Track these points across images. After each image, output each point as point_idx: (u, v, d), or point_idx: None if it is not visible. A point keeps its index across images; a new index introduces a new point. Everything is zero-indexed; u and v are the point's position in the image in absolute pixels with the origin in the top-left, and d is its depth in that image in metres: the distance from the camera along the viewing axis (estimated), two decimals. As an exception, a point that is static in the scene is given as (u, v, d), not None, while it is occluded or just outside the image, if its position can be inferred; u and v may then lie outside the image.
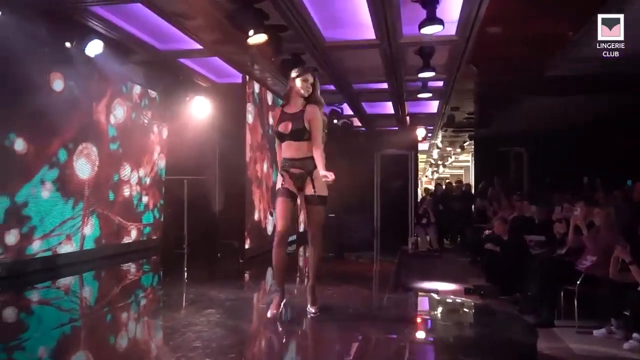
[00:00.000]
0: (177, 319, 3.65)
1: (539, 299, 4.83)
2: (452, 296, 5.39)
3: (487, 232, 8.06)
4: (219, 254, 6.94)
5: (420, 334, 3.60)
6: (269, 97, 7.93)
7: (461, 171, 24.31)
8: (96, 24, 5.03)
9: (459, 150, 15.83)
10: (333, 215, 11.27)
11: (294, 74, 3.56)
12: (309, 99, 3.53)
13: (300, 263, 7.84)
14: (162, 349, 3.14)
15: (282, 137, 3.54)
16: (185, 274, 6.16)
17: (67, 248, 5.69)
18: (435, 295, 5.20)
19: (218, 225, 7.36)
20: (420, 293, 5.43)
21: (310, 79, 3.54)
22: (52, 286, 5.00)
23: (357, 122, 10.74)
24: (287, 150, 3.54)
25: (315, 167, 3.45)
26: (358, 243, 9.63)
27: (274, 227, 3.83)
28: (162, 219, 7.68)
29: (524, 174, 11.98)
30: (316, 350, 3.29)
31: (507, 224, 6.76)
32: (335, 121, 9.64)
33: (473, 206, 10.71)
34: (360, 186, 10.81)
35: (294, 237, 9.29)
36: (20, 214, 5.05)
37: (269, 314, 3.50)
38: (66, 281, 5.24)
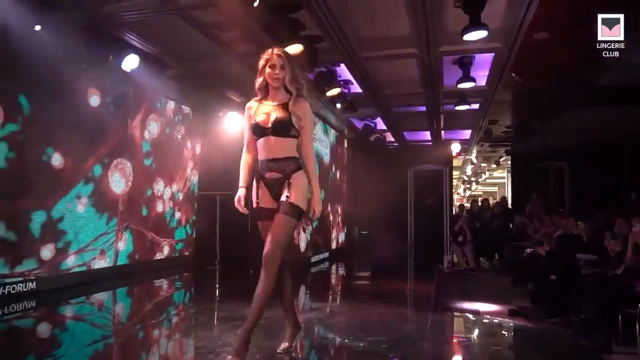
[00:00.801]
0: (211, 337, 3.51)
1: (595, 322, 4.47)
2: (499, 318, 5.06)
3: (528, 250, 7.73)
4: (251, 271, 6.81)
5: None
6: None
7: (495, 188, 23.72)
8: (132, 37, 5.05)
9: (494, 165, 15.40)
10: (366, 232, 11.11)
11: (261, 61, 2.79)
12: (290, 90, 2.78)
13: (333, 281, 7.66)
14: (196, 370, 2.99)
15: (261, 132, 2.78)
16: (218, 290, 6.04)
17: (101, 263, 5.66)
18: (480, 318, 4.90)
19: (250, 242, 7.23)
20: (464, 315, 5.14)
21: (279, 61, 2.73)
22: (86, 302, 4.95)
23: (390, 137, 10.56)
24: (264, 148, 2.80)
25: (295, 169, 2.77)
26: (392, 261, 9.38)
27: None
28: (194, 235, 7.63)
29: (565, 190, 11.49)
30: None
31: (553, 240, 6.43)
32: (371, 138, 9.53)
33: (511, 224, 10.30)
34: (393, 202, 10.58)
35: (326, 255, 9.13)
36: (56, 229, 5.05)
37: (279, 349, 2.98)
38: (100, 297, 5.19)
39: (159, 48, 5.42)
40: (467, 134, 10.44)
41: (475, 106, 7.65)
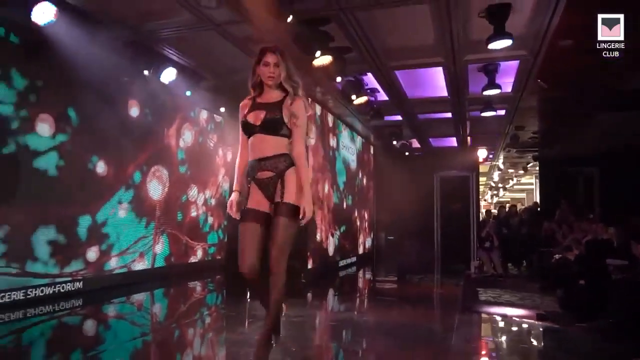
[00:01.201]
0: (246, 333, 3.70)
1: (624, 326, 4.48)
2: (527, 320, 5.10)
3: (556, 256, 7.69)
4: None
5: None
6: (330, 119, 8.05)
7: (523, 194, 23.38)
8: (171, 52, 5.35)
9: (521, 171, 15.25)
10: (392, 237, 11.20)
11: (255, 59, 2.71)
12: (285, 88, 2.68)
13: (360, 284, 7.78)
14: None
15: (250, 130, 2.66)
16: (249, 293, 6.24)
17: (140, 265, 5.96)
18: (508, 320, 4.96)
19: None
20: (491, 317, 5.20)
21: (274, 58, 2.63)
22: (127, 301, 5.22)
23: (416, 144, 10.66)
24: (254, 148, 2.67)
25: (288, 165, 2.64)
26: (419, 266, 9.43)
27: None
28: (226, 239, 7.88)
29: (595, 196, 11.32)
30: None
31: (582, 245, 6.41)
32: (394, 142, 9.64)
33: (541, 229, 10.21)
34: (419, 208, 10.64)
35: (353, 259, 9.26)
36: (100, 232, 5.37)
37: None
38: (139, 297, 5.46)
39: (195, 61, 5.71)
40: (493, 140, 10.45)
41: (502, 112, 7.70)
